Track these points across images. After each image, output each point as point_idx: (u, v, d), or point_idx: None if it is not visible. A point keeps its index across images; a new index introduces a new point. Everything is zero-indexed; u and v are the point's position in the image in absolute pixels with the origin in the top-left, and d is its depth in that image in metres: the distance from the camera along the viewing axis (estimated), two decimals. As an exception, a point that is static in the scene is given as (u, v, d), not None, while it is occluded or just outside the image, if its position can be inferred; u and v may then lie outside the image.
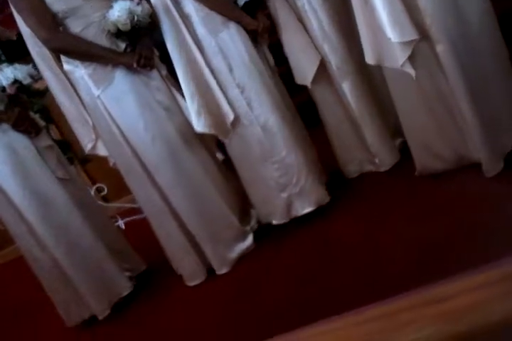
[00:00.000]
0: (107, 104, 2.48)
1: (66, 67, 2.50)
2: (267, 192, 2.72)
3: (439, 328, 0.56)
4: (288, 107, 2.76)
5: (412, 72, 2.22)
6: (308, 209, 2.70)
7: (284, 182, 2.67)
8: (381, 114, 2.77)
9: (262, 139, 2.62)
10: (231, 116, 2.58)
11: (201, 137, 2.69)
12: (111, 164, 2.85)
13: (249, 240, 2.79)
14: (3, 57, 3.07)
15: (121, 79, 2.47)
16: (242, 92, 2.58)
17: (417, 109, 2.41)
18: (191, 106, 2.56)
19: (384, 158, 2.80)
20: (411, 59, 2.21)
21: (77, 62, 2.45)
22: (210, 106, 2.58)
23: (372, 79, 2.74)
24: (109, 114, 2.49)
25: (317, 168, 2.79)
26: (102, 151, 2.88)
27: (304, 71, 2.71)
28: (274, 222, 2.77)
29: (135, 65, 2.44)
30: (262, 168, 2.67)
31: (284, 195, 2.68)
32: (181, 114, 2.62)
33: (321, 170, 2.85)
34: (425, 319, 0.58)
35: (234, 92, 2.58)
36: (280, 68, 2.85)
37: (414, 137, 2.53)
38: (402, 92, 2.41)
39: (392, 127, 2.79)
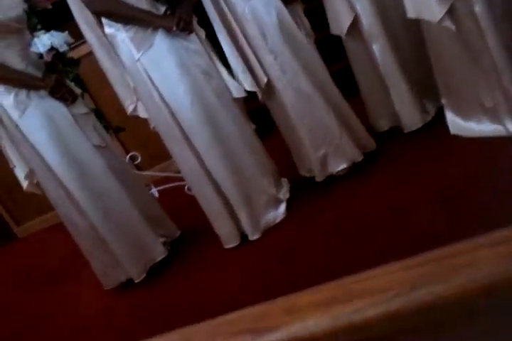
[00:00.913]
0: (147, 67, 2.51)
1: (108, 30, 2.53)
2: (304, 151, 2.82)
3: (496, 270, 0.58)
4: (321, 73, 2.78)
5: (451, 26, 2.23)
6: (343, 166, 2.78)
7: (319, 142, 2.74)
8: (410, 77, 2.78)
9: (295, 102, 2.69)
10: (264, 79, 2.67)
11: (238, 103, 2.74)
12: (151, 127, 2.88)
13: (282, 208, 2.83)
14: (39, 26, 3.10)
15: (161, 43, 2.49)
16: (275, 58, 2.64)
17: (457, 66, 2.42)
18: (237, 66, 2.65)
19: (408, 122, 2.84)
20: (451, 15, 2.21)
21: (119, 26, 2.47)
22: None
23: (403, 45, 2.76)
24: (149, 77, 2.52)
25: (351, 128, 2.82)
26: (142, 113, 2.91)
27: (340, 22, 2.76)
28: (316, 179, 2.87)
29: (174, 28, 2.46)
30: (297, 129, 2.75)
31: (319, 153, 2.76)
32: (219, 78, 2.66)
33: (356, 129, 2.87)
34: (482, 261, 0.59)
35: (267, 58, 2.64)
36: (317, 35, 2.85)
37: (451, 96, 2.54)
38: (442, 49, 2.42)
39: (425, 92, 2.81)
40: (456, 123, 2.61)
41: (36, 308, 3.20)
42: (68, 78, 3.07)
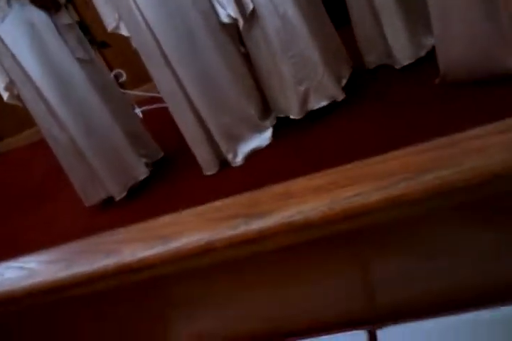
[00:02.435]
0: None
1: None
2: (284, 85, 2.68)
3: (506, 156, 0.54)
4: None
5: None
6: (323, 103, 2.68)
7: (301, 76, 2.62)
8: (406, 10, 2.65)
9: (280, 31, 2.54)
10: (250, 6, 2.50)
11: (226, 27, 2.60)
12: (133, 47, 2.76)
13: (267, 135, 2.78)
14: None
15: None
16: None
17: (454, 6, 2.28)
18: None
19: (400, 54, 2.72)
20: None
21: None
22: None
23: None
24: None
25: (336, 64, 2.72)
26: (124, 31, 2.77)
27: None
28: (292, 117, 2.75)
29: None
30: (280, 61, 2.61)
31: (301, 88, 2.65)
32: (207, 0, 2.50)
33: (340, 66, 2.78)
34: (493, 147, 0.55)
35: None
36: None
37: (444, 36, 2.39)
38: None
39: (422, 26, 2.68)
40: (448, 62, 2.47)
41: (14, 224, 3.18)
42: (52, -14, 2.91)
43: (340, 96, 2.67)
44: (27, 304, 0.75)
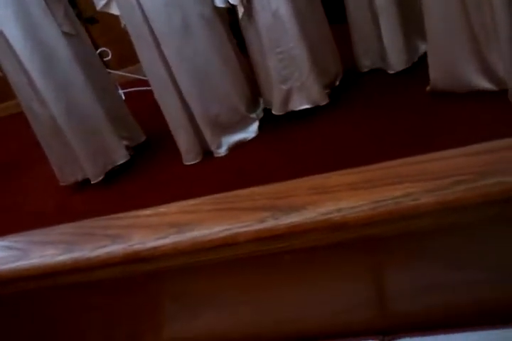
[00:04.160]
0: None
1: None
2: (269, 80, 2.65)
3: None
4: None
5: None
6: (305, 106, 2.65)
7: (286, 74, 2.59)
8: (405, 14, 2.63)
9: (271, 27, 2.50)
10: None
11: (221, 16, 2.54)
12: (122, 25, 2.67)
13: (253, 127, 2.74)
14: None
15: None
16: None
17: (449, 14, 2.24)
18: None
19: (395, 60, 2.70)
20: None
21: None
22: None
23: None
24: None
25: (324, 69, 2.68)
26: (114, 10, 2.68)
27: None
28: (273, 112, 2.72)
29: None
30: (267, 56, 2.58)
31: (284, 87, 2.61)
32: None
33: (329, 71, 2.74)
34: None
35: None
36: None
37: (437, 45, 2.36)
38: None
39: (417, 31, 2.65)
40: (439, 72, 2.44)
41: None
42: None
43: (323, 102, 2.63)
44: (12, 288, 0.67)
